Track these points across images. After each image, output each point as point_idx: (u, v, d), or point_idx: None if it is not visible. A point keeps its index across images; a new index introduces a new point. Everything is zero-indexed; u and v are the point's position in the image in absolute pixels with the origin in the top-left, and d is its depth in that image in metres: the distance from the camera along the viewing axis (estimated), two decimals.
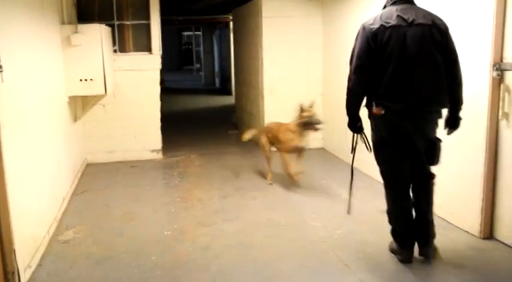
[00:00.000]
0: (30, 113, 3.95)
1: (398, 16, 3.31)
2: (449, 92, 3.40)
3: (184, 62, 30.16)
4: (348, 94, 3.50)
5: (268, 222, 4.55)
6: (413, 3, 3.45)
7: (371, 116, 3.51)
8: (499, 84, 3.79)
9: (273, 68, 7.33)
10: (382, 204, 4.37)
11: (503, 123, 3.81)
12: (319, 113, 5.52)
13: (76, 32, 5.63)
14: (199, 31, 21.95)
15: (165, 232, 4.33)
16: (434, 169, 3.64)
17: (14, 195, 3.25)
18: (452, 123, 3.53)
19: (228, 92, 15.37)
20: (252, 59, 8.05)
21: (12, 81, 3.37)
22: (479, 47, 3.90)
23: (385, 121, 3.42)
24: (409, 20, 3.30)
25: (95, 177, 6.22)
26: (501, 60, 3.76)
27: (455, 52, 3.40)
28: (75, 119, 6.14)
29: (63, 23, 5.68)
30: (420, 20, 3.31)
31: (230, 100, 13.37)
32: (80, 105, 6.42)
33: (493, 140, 3.87)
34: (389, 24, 3.29)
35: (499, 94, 3.79)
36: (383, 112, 3.37)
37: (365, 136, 3.63)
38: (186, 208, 4.97)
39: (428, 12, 3.41)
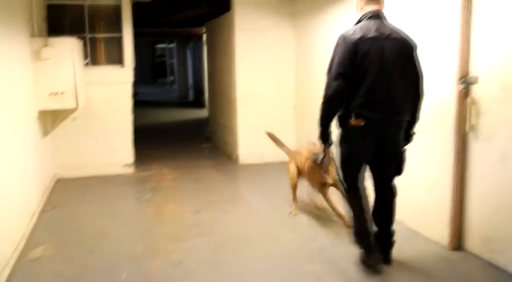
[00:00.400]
0: None
1: (376, 29, 3.46)
2: (412, 104, 3.60)
3: (158, 74, 30.06)
4: (326, 101, 3.51)
5: (241, 236, 4.53)
6: (385, 20, 3.59)
7: (346, 127, 3.56)
8: (465, 97, 3.86)
9: (246, 81, 7.37)
10: None
11: (470, 136, 3.88)
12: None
13: (46, 45, 5.57)
14: (173, 43, 21.93)
15: (137, 248, 4.27)
16: (404, 180, 3.69)
17: None
18: (407, 137, 3.71)
19: (201, 105, 15.35)
20: (225, 72, 8.07)
21: None
22: (445, 61, 3.98)
23: (362, 131, 3.49)
24: (386, 34, 3.46)
25: (65, 192, 6.11)
26: (467, 74, 3.85)
27: (421, 68, 3.60)
28: (45, 133, 6.04)
29: (33, 36, 5.61)
30: (395, 35, 3.49)
31: (204, 113, 13.34)
32: (50, 119, 6.33)
33: (461, 152, 3.94)
34: (369, 36, 3.42)
35: (466, 107, 3.87)
36: (362, 123, 3.45)
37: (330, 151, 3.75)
38: (158, 223, 4.93)
39: (399, 29, 3.58)
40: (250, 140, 7.36)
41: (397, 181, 4.63)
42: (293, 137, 7.43)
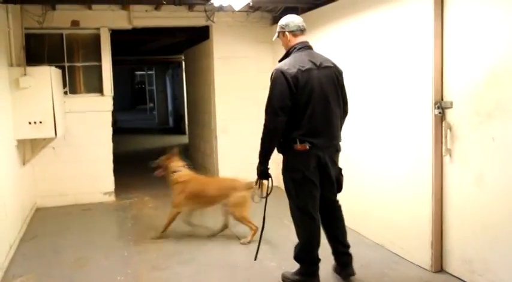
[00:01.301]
0: None
1: (309, 60, 3.63)
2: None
3: (138, 101, 30.04)
4: (268, 135, 3.66)
5: (223, 263, 4.52)
6: (312, 49, 3.78)
7: (292, 154, 3.67)
8: (441, 122, 3.96)
9: (225, 108, 7.42)
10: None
11: (446, 159, 3.96)
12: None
13: (25, 75, 5.56)
14: (152, 70, 21.97)
15: (118, 277, 4.23)
16: (384, 204, 3.73)
17: None
18: None
19: (181, 132, 15.32)
20: (204, 99, 8.12)
21: None
22: (421, 87, 4.08)
23: (308, 155, 3.62)
24: (318, 64, 3.65)
25: (45, 222, 6.04)
26: (442, 99, 3.95)
27: (346, 93, 3.86)
28: (24, 162, 5.98)
29: (11, 65, 5.59)
30: (326, 63, 3.71)
31: (184, 139, 13.31)
32: (29, 148, 6.27)
33: (439, 175, 4.02)
34: (305, 68, 3.58)
35: (442, 131, 3.96)
36: (308, 147, 3.59)
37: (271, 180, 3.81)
38: (139, 252, 4.88)
39: (326, 57, 3.81)
40: (230, 166, 7.37)
41: (377, 206, 4.70)
42: (274, 163, 7.45)
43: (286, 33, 3.79)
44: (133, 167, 9.71)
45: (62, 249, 5.04)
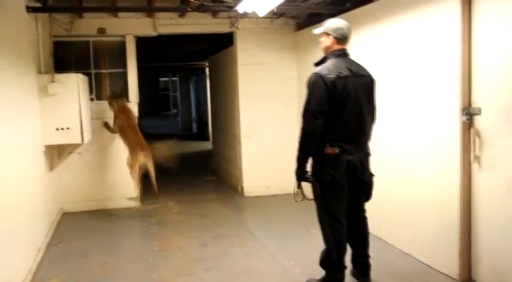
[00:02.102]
0: (5, 162, 3.91)
1: (347, 67, 3.70)
2: None
3: (161, 107, 30.28)
4: (306, 139, 3.67)
5: (248, 270, 4.50)
6: (349, 56, 3.85)
7: (322, 157, 3.69)
8: (469, 129, 3.90)
9: (249, 114, 7.42)
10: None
11: (475, 167, 3.89)
12: None
13: (53, 81, 5.65)
14: (176, 77, 22.14)
15: None
16: (412, 213, 3.67)
17: None
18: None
19: (205, 138, 15.40)
20: (228, 105, 8.14)
21: None
22: (447, 93, 4.03)
23: (337, 159, 3.66)
24: (355, 71, 3.73)
25: (71, 226, 6.11)
26: (469, 105, 3.89)
27: (376, 100, 3.92)
28: (51, 167, 6.08)
29: (40, 72, 5.70)
30: (362, 72, 3.79)
31: (208, 145, 13.38)
32: (56, 153, 6.37)
33: (467, 183, 3.95)
34: (343, 74, 3.64)
35: (470, 138, 3.89)
36: (337, 151, 3.64)
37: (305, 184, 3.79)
38: (164, 257, 4.90)
39: (362, 65, 3.87)
40: (255, 172, 7.39)
41: (404, 214, 4.64)
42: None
43: (332, 37, 3.79)
44: (157, 172, 9.78)
45: (87, 253, 5.09)
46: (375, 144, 4.88)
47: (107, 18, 6.81)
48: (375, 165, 4.09)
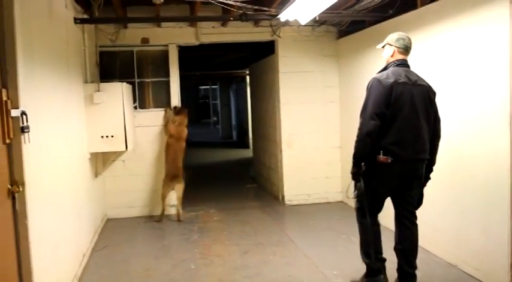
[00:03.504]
0: (54, 170, 4.02)
1: (405, 75, 3.83)
2: (431, 144, 3.92)
3: (201, 115, 30.59)
4: (362, 139, 3.79)
5: (289, 279, 4.48)
6: (410, 67, 3.96)
7: (374, 164, 3.81)
8: None
9: (290, 122, 7.41)
10: None
11: None
12: None
13: (98, 90, 5.79)
14: (216, 85, 22.34)
15: None
16: (459, 224, 3.57)
17: (36, 253, 3.27)
18: (426, 176, 4.01)
19: (245, 145, 15.45)
20: (269, 113, 8.15)
21: (38, 140, 3.45)
22: (496, 100, 3.93)
23: (389, 168, 3.77)
24: (413, 80, 3.84)
25: (115, 232, 6.23)
26: None
27: (438, 112, 3.96)
28: (96, 174, 6.21)
29: (86, 81, 5.84)
30: (420, 82, 3.88)
31: (248, 153, 13.42)
32: (101, 161, 6.51)
33: None
34: (401, 81, 3.78)
35: None
36: (389, 161, 3.73)
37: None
38: (206, 264, 4.93)
39: (422, 77, 3.94)
40: (296, 181, 7.36)
41: (450, 224, 4.53)
42: (339, 178, 7.38)
43: (394, 47, 3.96)
44: (198, 180, 9.88)
45: (130, 259, 5.17)
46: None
47: (150, 28, 6.95)
48: None
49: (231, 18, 6.07)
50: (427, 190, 4.64)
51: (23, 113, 3.09)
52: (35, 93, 3.48)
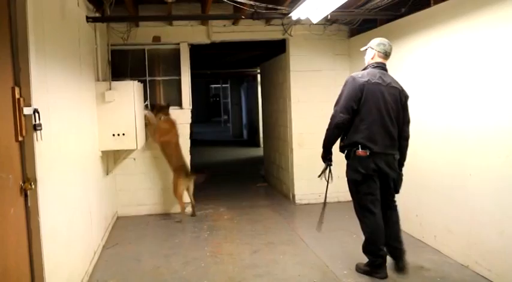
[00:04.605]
0: (66, 168, 4.04)
1: (380, 77, 4.23)
2: (399, 143, 4.34)
3: (212, 113, 30.65)
4: (332, 128, 4.30)
5: (300, 278, 4.47)
6: (387, 71, 4.36)
7: (353, 157, 4.27)
8: None
9: (301, 121, 7.39)
10: (420, 260, 4.32)
11: None
12: None
13: (110, 89, 5.81)
14: (227, 84, 22.36)
15: None
16: (473, 225, 3.54)
17: (48, 250, 3.29)
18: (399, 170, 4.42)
19: (256, 144, 15.45)
20: (280, 112, 8.13)
21: (50, 138, 3.47)
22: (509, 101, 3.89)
23: (367, 160, 4.19)
24: (387, 82, 4.24)
25: (125, 230, 6.25)
26: None
27: (409, 115, 4.39)
28: (107, 172, 6.24)
29: (98, 80, 5.87)
30: (394, 84, 4.29)
31: (258, 152, 13.42)
32: (112, 159, 6.53)
33: None
34: (374, 81, 4.20)
35: None
36: (368, 153, 4.16)
37: (330, 167, 4.52)
38: (216, 263, 4.93)
39: (396, 80, 4.34)
40: (306, 180, 7.33)
41: (461, 224, 4.49)
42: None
43: (375, 51, 4.36)
44: (208, 178, 9.88)
45: (141, 256, 5.19)
46: (435, 150, 4.79)
47: (162, 26, 6.96)
48: (435, 175, 3.98)
49: (243, 17, 6.06)
50: (441, 192, 4.63)
51: (36, 111, 3.11)
52: (47, 91, 3.50)
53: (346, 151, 4.35)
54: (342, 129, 4.28)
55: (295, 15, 5.44)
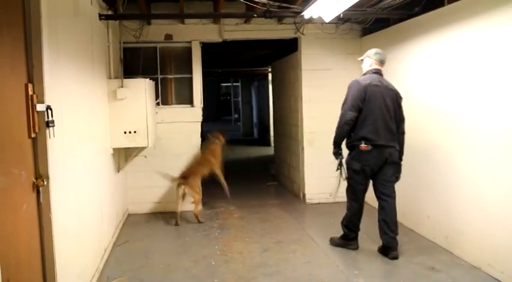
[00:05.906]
0: (77, 165, 4.06)
1: (379, 81, 4.90)
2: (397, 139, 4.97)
3: (223, 112, 30.66)
4: (341, 126, 4.92)
5: (310, 277, 4.45)
6: (382, 76, 5.00)
7: (357, 151, 4.87)
8: None
9: (313, 120, 7.37)
10: (431, 261, 4.29)
11: None
12: None
13: (121, 86, 5.83)
14: (238, 82, 22.35)
15: None
16: (484, 225, 3.51)
17: (59, 246, 3.30)
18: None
19: (266, 143, 15.43)
20: (291, 111, 8.12)
21: (62, 135, 3.48)
22: None
23: (369, 154, 4.81)
24: (384, 84, 4.91)
25: (136, 227, 6.28)
26: None
27: (403, 113, 5.00)
28: (118, 169, 6.26)
29: (110, 77, 5.88)
30: (390, 87, 4.94)
31: (268, 151, 13.40)
32: (123, 156, 6.55)
33: None
34: (374, 83, 4.86)
35: None
36: (370, 148, 4.77)
37: (342, 160, 5.05)
38: (226, 261, 4.94)
39: (392, 84, 4.98)
40: (317, 179, 7.32)
41: (474, 225, 4.45)
42: None
43: (372, 60, 5.03)
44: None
45: (151, 254, 5.21)
46: (448, 150, 4.76)
47: (174, 24, 6.97)
48: (447, 177, 3.94)
49: (255, 15, 6.04)
50: (453, 193, 4.59)
51: (48, 108, 3.13)
52: (60, 88, 3.51)
53: (351, 145, 4.95)
54: (350, 126, 4.86)
55: (307, 14, 5.42)
